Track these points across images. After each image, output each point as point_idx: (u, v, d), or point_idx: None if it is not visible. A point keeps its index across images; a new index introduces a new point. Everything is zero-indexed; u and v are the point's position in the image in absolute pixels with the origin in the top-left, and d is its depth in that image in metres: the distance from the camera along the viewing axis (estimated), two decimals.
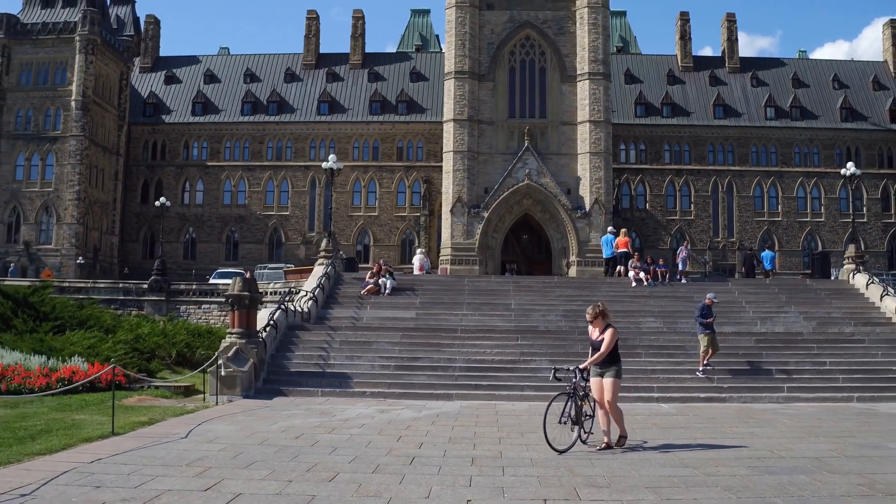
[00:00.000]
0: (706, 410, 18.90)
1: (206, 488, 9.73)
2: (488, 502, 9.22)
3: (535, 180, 61.59)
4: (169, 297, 40.51)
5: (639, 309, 28.64)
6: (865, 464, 11.80)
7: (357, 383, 21.02)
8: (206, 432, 14.45)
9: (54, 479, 10.07)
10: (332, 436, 14.15)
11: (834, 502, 9.30)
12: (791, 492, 9.82)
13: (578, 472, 10.96)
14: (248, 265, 70.25)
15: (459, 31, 63.54)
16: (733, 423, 16.74)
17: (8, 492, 9.34)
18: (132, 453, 12.13)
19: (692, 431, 15.30)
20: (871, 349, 24.28)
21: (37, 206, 71.39)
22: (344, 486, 9.88)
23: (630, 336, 24.00)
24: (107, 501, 9.01)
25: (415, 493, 9.57)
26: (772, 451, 12.89)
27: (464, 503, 9.17)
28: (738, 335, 24.75)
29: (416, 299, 29.78)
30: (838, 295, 31.27)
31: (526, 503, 9.22)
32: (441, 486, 9.97)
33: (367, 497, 9.36)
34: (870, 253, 73.18)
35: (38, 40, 72.71)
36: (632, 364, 21.72)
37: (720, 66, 79.69)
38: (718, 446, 13.35)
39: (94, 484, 9.91)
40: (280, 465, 11.30)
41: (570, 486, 10.03)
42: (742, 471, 11.19)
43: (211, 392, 19.99)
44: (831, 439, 14.47)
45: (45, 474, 10.29)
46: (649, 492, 9.77)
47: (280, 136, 76.74)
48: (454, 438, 14.04)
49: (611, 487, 10.04)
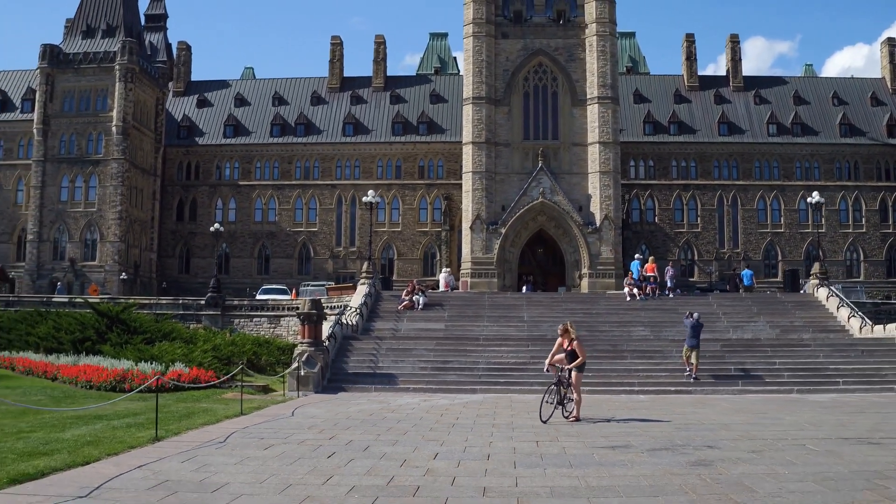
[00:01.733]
0: (671, 399, 25.34)
1: (329, 437, 16.29)
2: (502, 443, 15.72)
3: (549, 198, 67.87)
4: (224, 311, 47.16)
5: (631, 319, 35.14)
6: (754, 427, 18.27)
7: (402, 381, 27.58)
8: (304, 412, 21.06)
9: (230, 436, 16.61)
10: (393, 414, 20.72)
11: (713, 442, 15.75)
12: (692, 438, 16.29)
13: (559, 430, 17.48)
14: (280, 279, 77.45)
15: (477, 59, 70.05)
16: (686, 407, 23.17)
17: (208, 441, 15.85)
18: (264, 424, 18.71)
19: (651, 412, 21.75)
20: (816, 352, 30.65)
21: (81, 225, 78.26)
22: (414, 436, 16.43)
23: (620, 342, 30.50)
24: (274, 444, 15.53)
25: (459, 439, 16.09)
26: (698, 422, 19.39)
27: (487, 444, 15.64)
28: (708, 341, 31.11)
29: (444, 313, 36.43)
30: (802, 306, 37.69)
31: (525, 443, 15.70)
32: (473, 436, 16.51)
33: (430, 441, 15.87)
34: (869, 262, 79.63)
35: (79, 69, 79.65)
36: (619, 365, 28.32)
37: (725, 84, 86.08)
38: (662, 420, 19.79)
39: (258, 436, 16.49)
40: (367, 428, 17.86)
41: (553, 435, 16.56)
42: (668, 429, 17.69)
43: (290, 389, 26.58)
44: (747, 415, 20.89)
45: (221, 433, 16.83)
46: (602, 438, 16.26)
47: (308, 157, 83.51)
48: (480, 415, 20.58)
49: (577, 437, 16.56)
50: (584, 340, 22.25)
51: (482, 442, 15.84)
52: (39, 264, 77.72)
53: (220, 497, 10.65)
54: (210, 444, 15.34)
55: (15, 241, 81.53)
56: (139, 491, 10.97)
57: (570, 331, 19.88)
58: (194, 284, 79.98)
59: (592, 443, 15.72)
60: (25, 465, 12.45)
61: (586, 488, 11.35)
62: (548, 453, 14.37)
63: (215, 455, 14.08)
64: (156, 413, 16.94)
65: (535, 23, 71.02)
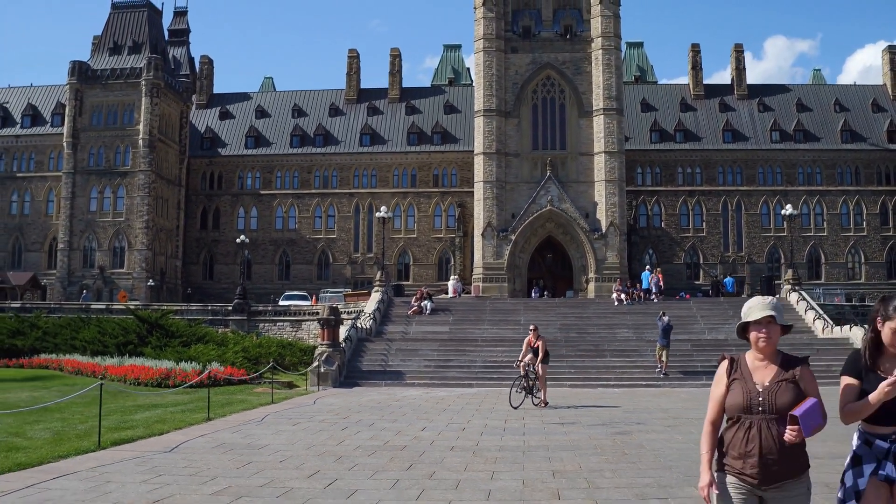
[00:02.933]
0: (640, 392, 30.00)
1: (342, 418, 21.11)
2: (478, 421, 20.45)
3: (557, 206, 72.48)
4: (250, 316, 52.04)
5: (617, 322, 39.86)
6: (688, 411, 22.94)
7: (408, 377, 32.38)
8: (323, 402, 25.91)
9: (265, 417, 21.43)
10: (397, 403, 25.52)
11: (644, 420, 20.43)
12: (629, 418, 21.00)
13: (527, 412, 22.24)
14: (300, 284, 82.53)
15: (487, 73, 74.78)
16: (648, 397, 27.83)
17: (248, 421, 20.65)
18: (291, 409, 23.55)
19: (613, 401, 26.43)
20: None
21: (109, 234, 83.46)
22: (410, 417, 21.23)
23: (603, 342, 35.21)
24: (300, 422, 20.32)
25: (445, 419, 20.87)
26: (645, 408, 24.09)
27: (466, 422, 20.37)
28: (681, 341, 35.79)
29: (449, 318, 41.24)
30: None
31: (496, 421, 20.43)
32: (458, 417, 21.30)
33: (422, 420, 20.64)
34: (870, 264, 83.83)
35: (107, 85, 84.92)
36: (599, 362, 33.05)
37: (729, 93, 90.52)
38: (616, 406, 24.47)
39: (288, 417, 21.33)
40: (374, 412, 22.67)
41: (520, 416, 21.33)
42: (616, 412, 22.42)
43: (311, 384, 31.44)
44: (693, 403, 25.53)
45: (258, 416, 21.66)
46: (557, 418, 21.00)
47: (326, 167, 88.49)
48: (468, 403, 25.36)
49: (538, 417, 21.32)
50: (573, 341, 27.38)
51: (462, 420, 20.60)
52: (70, 272, 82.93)
53: (264, 451, 15.43)
54: (251, 423, 20.17)
55: (46, 250, 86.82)
56: (206, 449, 15.75)
57: (536, 329, 24.64)
58: (217, 290, 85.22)
59: (548, 420, 20.46)
60: (117, 435, 17.27)
61: (525, 446, 16.10)
62: (510, 427, 19.13)
63: (256, 429, 18.92)
64: (207, 400, 21.77)
65: (543, 37, 75.69)
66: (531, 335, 24.81)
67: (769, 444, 5.26)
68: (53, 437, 17.00)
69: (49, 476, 12.44)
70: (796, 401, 5.33)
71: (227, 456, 14.78)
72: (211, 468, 13.31)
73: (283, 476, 12.59)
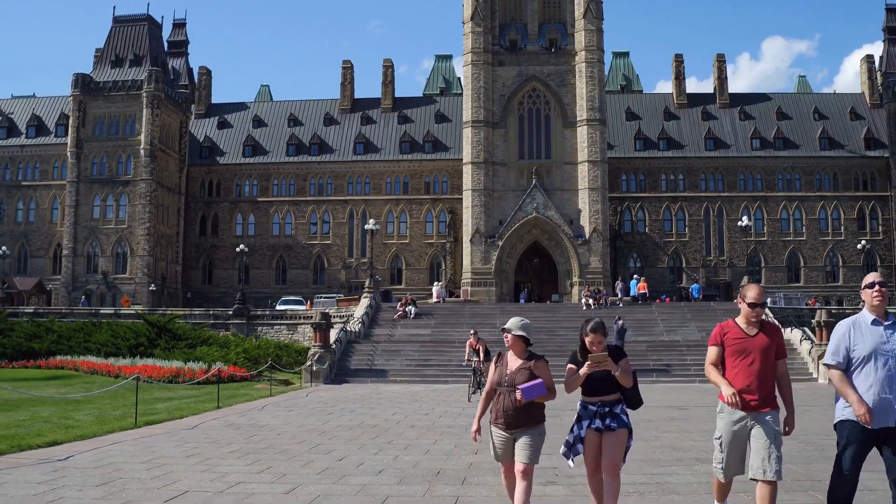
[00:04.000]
0: None
1: (329, 406, 25.91)
2: (440, 408, 25.19)
3: (542, 213, 77.28)
4: (249, 320, 56.77)
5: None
6: None
7: (391, 375, 37.16)
8: (315, 395, 30.71)
9: (265, 406, 26.20)
10: (378, 395, 30.32)
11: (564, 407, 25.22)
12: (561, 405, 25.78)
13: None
14: (296, 288, 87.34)
15: (475, 85, 79.61)
16: None
17: (251, 409, 25.41)
18: (287, 400, 28.35)
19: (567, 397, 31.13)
20: None
21: (112, 240, 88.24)
22: (385, 406, 26.02)
23: (568, 343, 39.74)
24: (293, 409, 25.07)
25: (414, 407, 25.65)
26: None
27: (431, 409, 25.09)
28: (638, 342, 40.52)
29: (431, 321, 46.06)
30: (730, 313, 46.84)
31: (454, 408, 25.16)
32: (425, 406, 26.07)
33: (395, 408, 25.41)
34: (847, 267, 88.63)
35: (109, 97, 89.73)
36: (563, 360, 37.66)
37: (711, 101, 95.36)
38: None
39: (284, 406, 26.11)
40: (357, 403, 27.46)
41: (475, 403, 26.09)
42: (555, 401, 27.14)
43: (305, 381, 36.24)
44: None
45: (259, 405, 26.44)
46: None
47: (321, 174, 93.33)
48: (439, 396, 30.16)
49: None
50: (542, 342, 31.92)
51: (428, 408, 25.39)
52: (74, 277, 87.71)
53: (265, 429, 20.17)
54: (253, 410, 24.96)
55: (51, 256, 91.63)
56: (219, 427, 20.49)
57: (477, 335, 29.50)
58: (216, 294, 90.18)
59: None
60: (146, 418, 22.01)
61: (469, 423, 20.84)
62: (464, 413, 23.89)
63: (257, 414, 23.71)
64: (217, 392, 26.54)
65: (529, 51, 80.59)
66: (472, 338, 29.55)
67: (508, 405, 9.02)
68: (96, 419, 21.76)
69: (106, 444, 17.19)
70: (528, 380, 8.98)
71: (237, 431, 19.54)
72: (225, 438, 18.07)
73: (279, 443, 17.36)
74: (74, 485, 12.18)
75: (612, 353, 9.07)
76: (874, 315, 8.04)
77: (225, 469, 13.68)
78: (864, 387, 7.91)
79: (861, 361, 7.99)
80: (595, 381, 9.17)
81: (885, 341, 7.94)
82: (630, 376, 9.16)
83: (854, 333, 8.13)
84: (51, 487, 11.92)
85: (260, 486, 12.13)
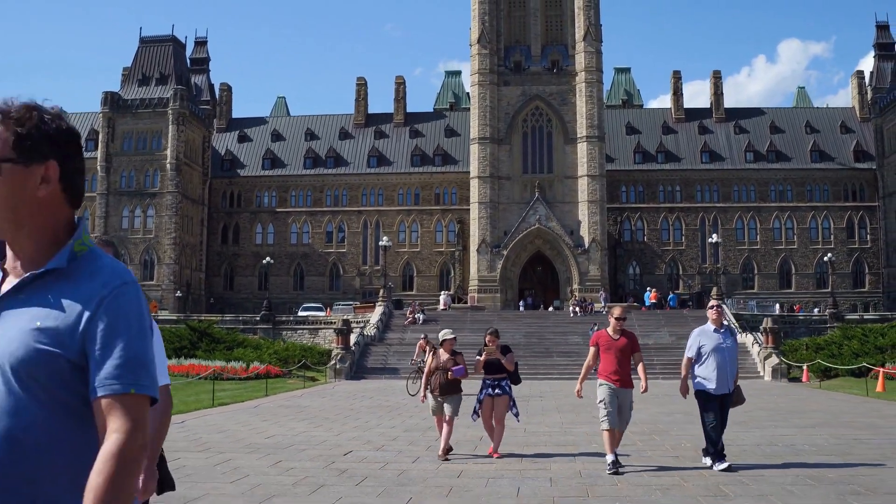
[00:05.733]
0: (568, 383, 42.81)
1: (352, 395, 34.20)
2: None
3: (545, 224, 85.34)
4: (274, 325, 65.07)
5: (570, 330, 52.76)
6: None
7: (402, 372, 45.21)
8: (340, 387, 39.03)
9: (303, 395, 34.45)
10: (390, 388, 38.54)
11: (537, 397, 33.34)
12: (526, 395, 33.95)
13: None
14: (313, 294, 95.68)
15: (482, 104, 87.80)
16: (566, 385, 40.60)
17: (292, 396, 33.62)
18: (319, 391, 36.65)
19: (531, 389, 39.24)
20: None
21: (140, 249, 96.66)
22: (397, 394, 34.27)
23: (554, 346, 48.06)
24: (325, 397, 33.30)
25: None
26: (550, 390, 36.98)
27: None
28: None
29: (436, 327, 54.13)
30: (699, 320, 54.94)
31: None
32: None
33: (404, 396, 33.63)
34: (837, 275, 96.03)
35: (137, 114, 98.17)
36: (547, 361, 45.95)
37: (708, 116, 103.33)
38: (543, 395, 37.31)
39: (318, 395, 34.41)
40: (373, 392, 35.73)
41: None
42: (549, 398, 35.34)
43: (329, 377, 44.52)
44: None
45: (297, 394, 34.70)
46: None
47: (337, 186, 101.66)
48: None
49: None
50: (532, 345, 40.29)
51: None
52: None
53: (307, 409, 28.33)
54: (294, 397, 33.26)
55: None
56: (274, 408, 28.64)
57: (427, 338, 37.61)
58: (237, 299, 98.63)
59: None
60: (217, 402, 30.21)
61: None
62: None
63: (299, 399, 31.97)
64: (266, 384, 34.86)
65: (533, 72, 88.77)
66: (422, 341, 37.57)
67: (442, 381, 16.41)
68: (180, 402, 30.01)
69: (200, 416, 25.42)
70: (455, 365, 16.53)
71: (287, 410, 27.78)
72: (280, 414, 26.29)
73: (321, 414, 25.58)
74: (198, 435, 20.45)
75: (502, 349, 16.76)
76: (714, 325, 14.27)
77: (292, 426, 21.94)
78: (711, 369, 13.69)
79: (707, 354, 13.85)
80: (490, 365, 16.20)
81: (721, 341, 13.98)
82: (512, 364, 16.42)
83: (702, 337, 13.98)
84: (188, 436, 20.21)
85: (319, 432, 20.38)
